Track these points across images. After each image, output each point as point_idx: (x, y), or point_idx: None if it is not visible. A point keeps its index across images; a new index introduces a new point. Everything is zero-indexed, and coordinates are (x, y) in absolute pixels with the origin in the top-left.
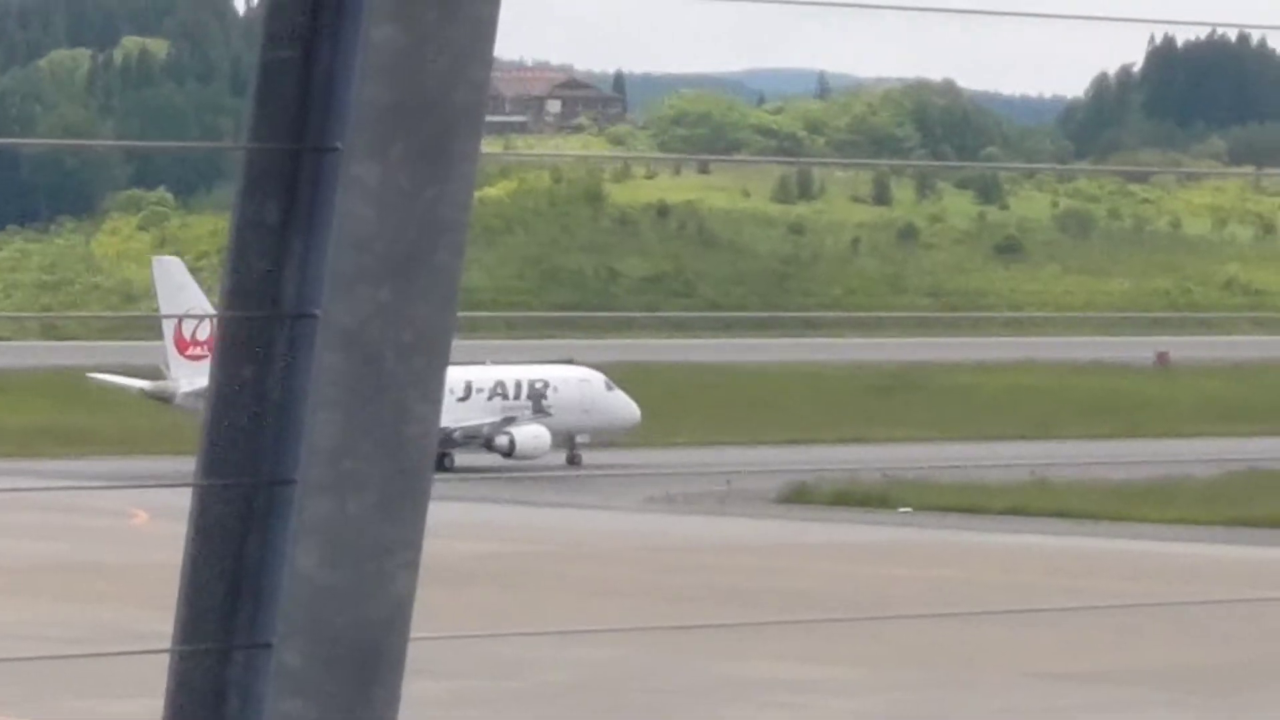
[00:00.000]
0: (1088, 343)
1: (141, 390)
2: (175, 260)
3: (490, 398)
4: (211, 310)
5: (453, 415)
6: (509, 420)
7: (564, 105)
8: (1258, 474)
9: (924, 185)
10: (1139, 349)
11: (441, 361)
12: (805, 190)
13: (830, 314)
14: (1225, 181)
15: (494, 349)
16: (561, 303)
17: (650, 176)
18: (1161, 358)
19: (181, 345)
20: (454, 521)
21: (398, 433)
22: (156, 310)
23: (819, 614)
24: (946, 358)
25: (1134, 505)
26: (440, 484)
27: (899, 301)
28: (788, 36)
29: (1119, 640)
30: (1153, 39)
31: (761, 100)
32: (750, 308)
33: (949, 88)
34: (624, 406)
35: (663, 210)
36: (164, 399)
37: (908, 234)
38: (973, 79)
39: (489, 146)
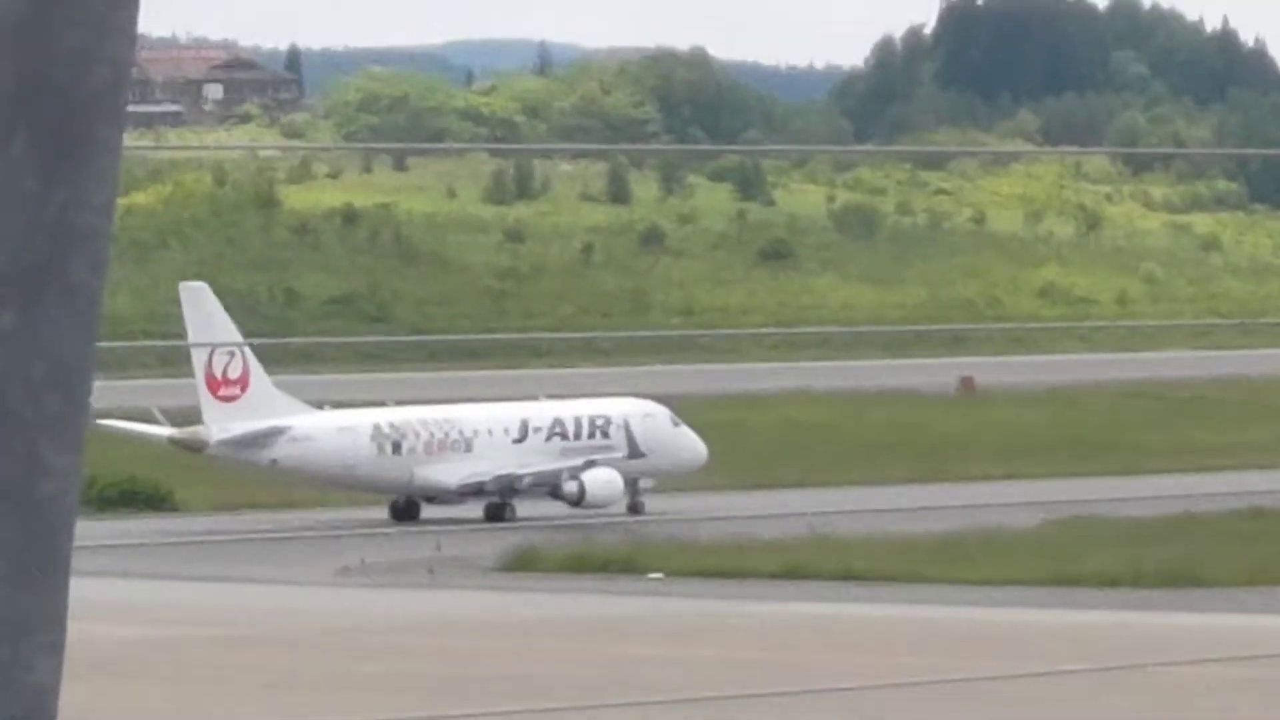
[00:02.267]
0: (875, 367)
1: (170, 439)
2: (204, 286)
3: (549, 438)
4: (244, 348)
5: (510, 459)
6: (590, 464)
7: (226, 90)
8: (1082, 522)
9: (670, 178)
10: (938, 373)
11: (81, 401)
12: (524, 188)
13: (558, 336)
14: (1039, 165)
15: (146, 388)
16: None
17: (334, 176)
18: (965, 383)
19: (213, 385)
20: (89, 599)
21: (29, 490)
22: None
23: (547, 704)
24: (702, 389)
25: (932, 564)
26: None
27: (642, 321)
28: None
29: None
30: None
31: (469, 79)
32: (460, 332)
33: (699, 58)
34: (691, 445)
35: (350, 216)
36: (194, 448)
37: (651, 238)
38: (728, 47)
39: (135, 141)
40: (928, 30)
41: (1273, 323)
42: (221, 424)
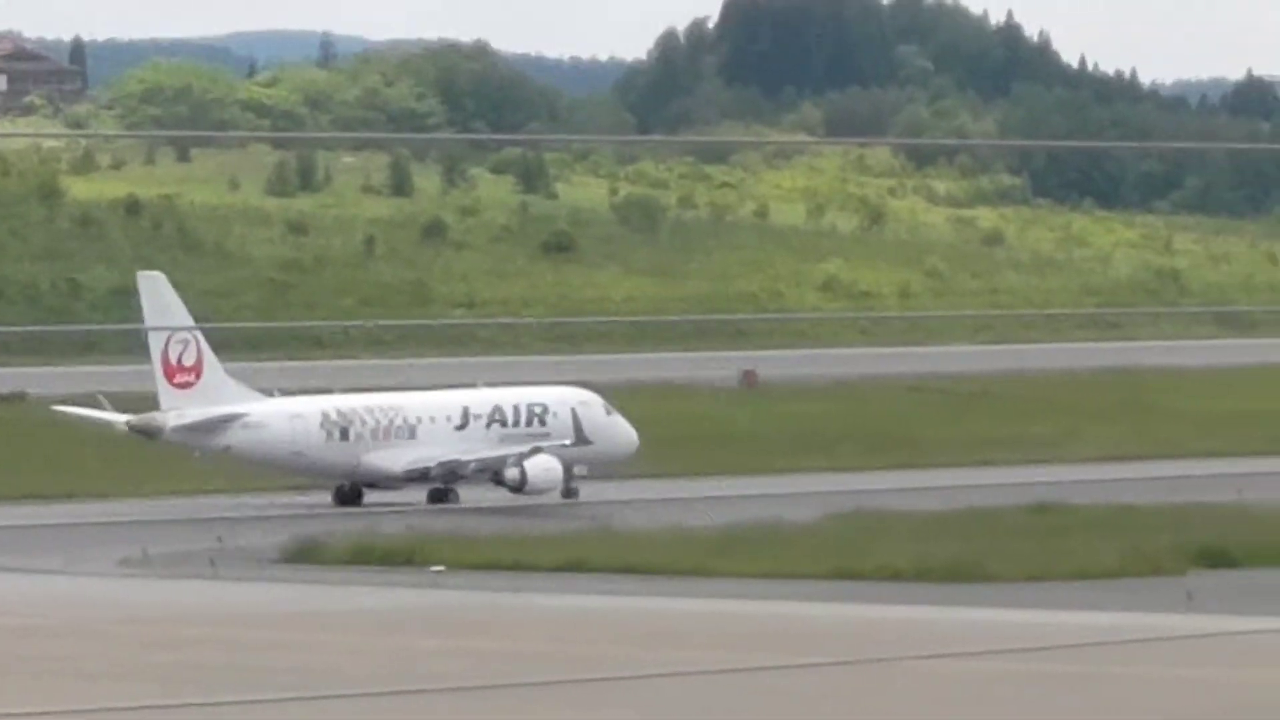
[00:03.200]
0: (658, 359)
1: (127, 424)
2: (160, 275)
3: (489, 425)
4: (197, 335)
5: (452, 445)
6: (535, 450)
7: (10, 81)
8: (866, 516)
9: (452, 171)
10: (720, 366)
11: None
12: (307, 180)
13: (340, 324)
14: (822, 159)
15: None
16: (12, 320)
17: (117, 167)
18: (748, 376)
19: (169, 371)
20: None
21: None
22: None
23: (330, 691)
24: (485, 379)
25: (715, 557)
26: None
27: (425, 313)
28: None
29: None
30: None
31: (252, 70)
32: (244, 322)
33: (481, 51)
34: (624, 432)
35: (133, 207)
36: (150, 434)
37: (434, 231)
38: (511, 40)
39: None
40: (711, 23)
41: (1055, 315)
42: (177, 410)
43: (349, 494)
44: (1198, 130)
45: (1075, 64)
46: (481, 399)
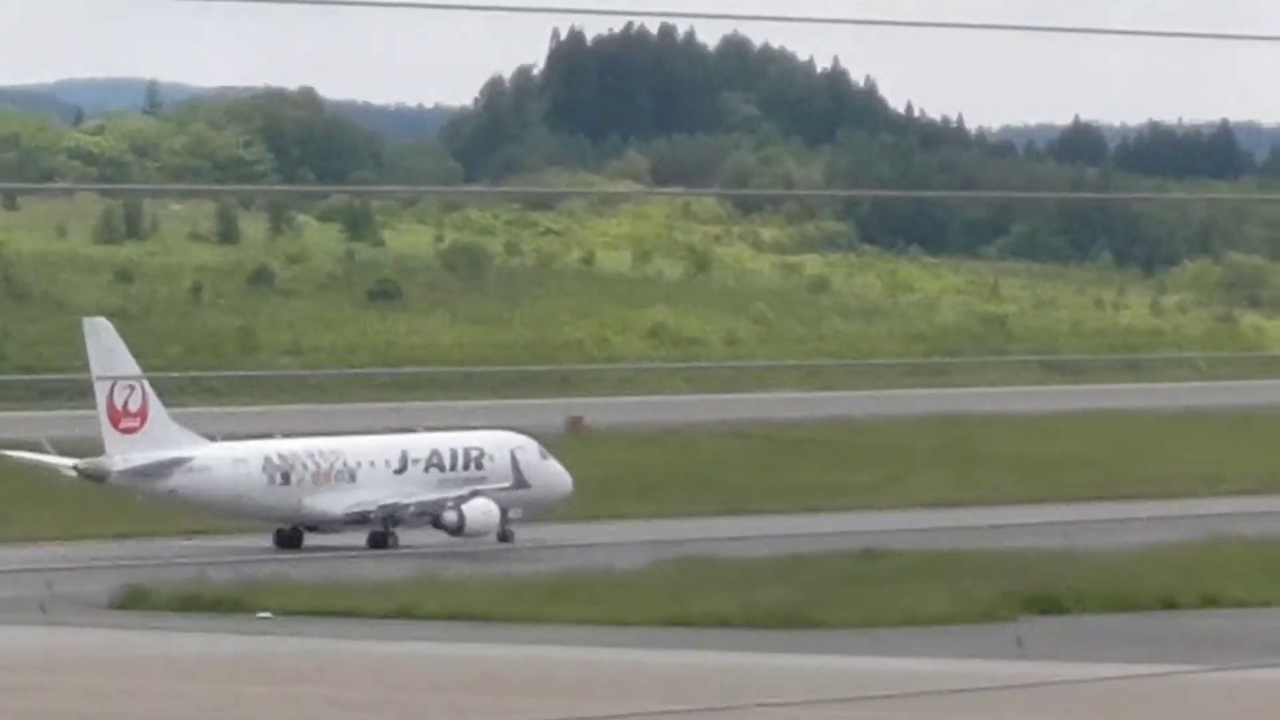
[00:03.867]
0: (482, 407)
1: (75, 468)
2: (104, 321)
3: (426, 469)
4: (143, 381)
5: (391, 489)
6: (475, 494)
7: None
8: (693, 562)
9: (279, 218)
10: (548, 412)
11: None
12: (134, 227)
13: (166, 374)
14: (648, 206)
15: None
16: None
17: None
18: (574, 423)
19: (114, 416)
20: None
21: None
22: (88, 375)
23: None
24: (310, 428)
25: (542, 604)
26: None
27: (251, 360)
28: (107, 38)
29: None
30: (556, 34)
31: (79, 118)
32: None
33: (308, 98)
34: (558, 476)
35: None
36: (97, 478)
37: (261, 278)
38: (337, 87)
39: None
40: (537, 70)
41: (881, 362)
42: (123, 454)
43: (289, 537)
44: (1024, 176)
45: (902, 110)
46: (419, 443)
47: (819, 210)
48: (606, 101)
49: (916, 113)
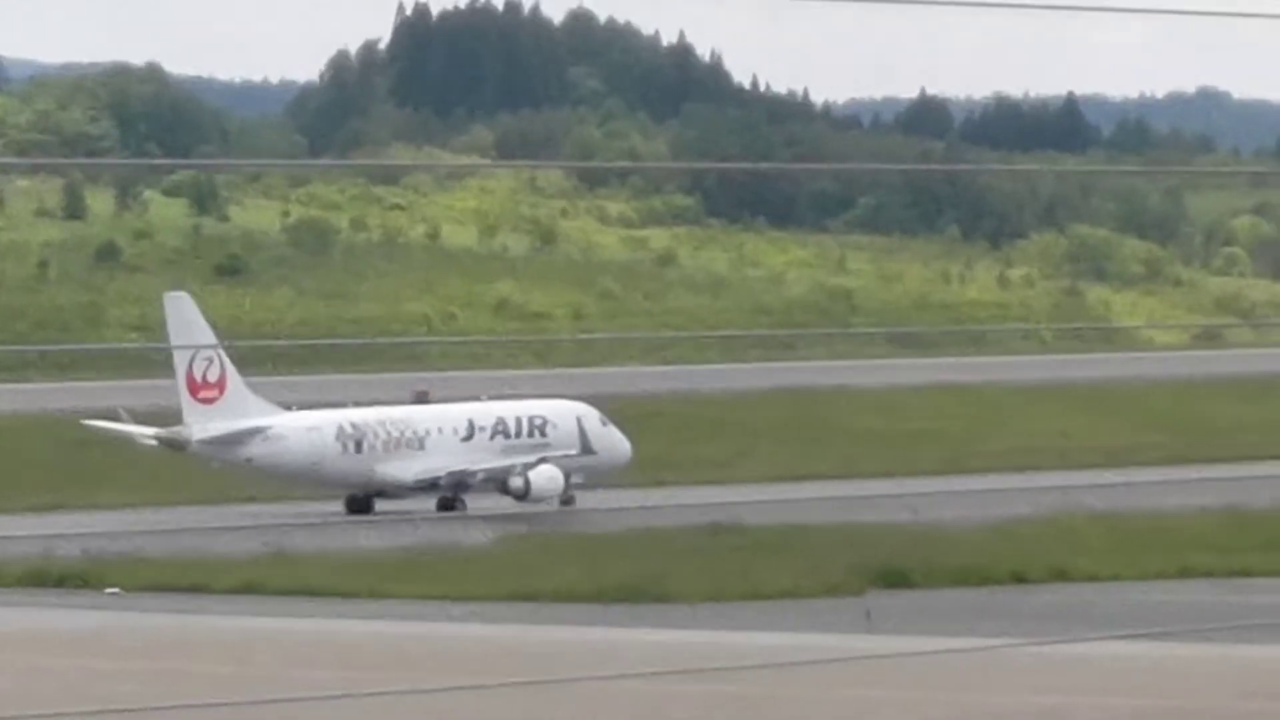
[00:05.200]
0: (328, 381)
1: (156, 437)
2: (185, 295)
3: (492, 436)
4: (220, 351)
5: (459, 456)
6: (542, 460)
7: None
8: (541, 537)
9: (126, 194)
10: (394, 387)
11: None
12: None
13: (12, 349)
14: (494, 180)
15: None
16: None
17: None
18: (420, 397)
19: (193, 387)
20: None
21: None
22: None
23: (6, 714)
24: (162, 403)
25: (391, 579)
26: None
27: (99, 335)
28: None
29: None
30: (402, 8)
31: None
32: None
33: (154, 74)
34: (619, 443)
35: None
36: (177, 446)
37: (107, 253)
38: (183, 62)
39: None
40: (382, 45)
41: (728, 335)
42: (202, 424)
43: (360, 503)
44: (871, 150)
45: (747, 84)
46: (485, 411)
47: (665, 184)
48: (452, 76)
49: (762, 86)
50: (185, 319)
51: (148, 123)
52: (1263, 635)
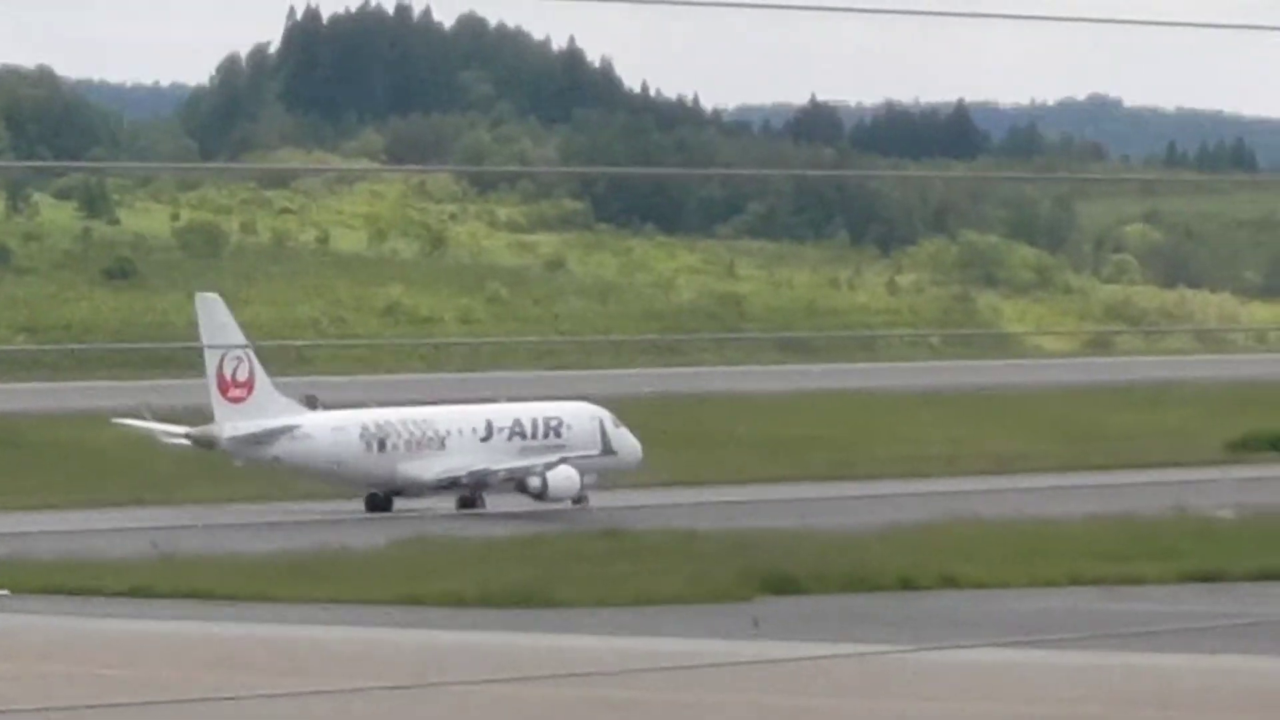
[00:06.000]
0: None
1: (187, 435)
2: (216, 297)
3: (510, 437)
4: (249, 352)
5: (478, 456)
6: (563, 460)
7: None
8: (430, 541)
9: (16, 196)
10: (282, 390)
11: None
12: None
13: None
14: (384, 184)
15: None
16: None
17: None
18: (308, 402)
19: (223, 386)
20: None
21: None
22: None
23: None
24: (53, 406)
25: (280, 583)
26: None
27: None
28: None
29: None
30: (292, 12)
31: None
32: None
33: (44, 76)
34: (632, 444)
35: None
36: (208, 445)
37: None
38: (74, 65)
39: None
40: (273, 49)
41: (617, 340)
42: (231, 422)
43: (380, 501)
44: (760, 155)
45: (638, 89)
46: (503, 413)
47: (555, 189)
48: (342, 80)
49: (653, 92)
50: (217, 321)
51: (38, 125)
52: (1151, 643)
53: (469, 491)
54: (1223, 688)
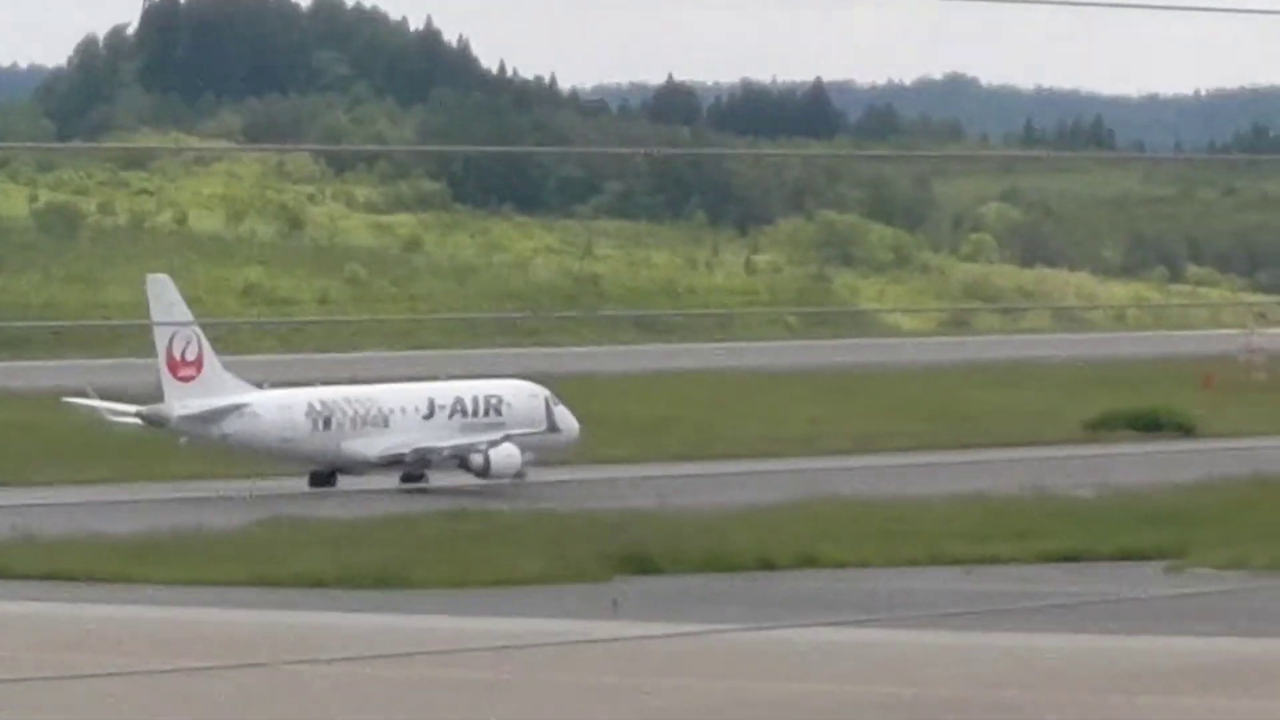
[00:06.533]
0: (74, 366)
1: (139, 414)
2: (166, 278)
3: (451, 415)
4: (197, 331)
5: (421, 434)
6: (507, 438)
7: None
8: (288, 522)
9: None
10: (143, 372)
11: None
12: None
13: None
14: (242, 165)
15: None
16: None
17: None
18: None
19: (173, 366)
20: None
21: None
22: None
23: None
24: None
25: (139, 564)
26: None
27: None
28: None
29: None
30: None
31: None
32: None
33: None
34: (571, 422)
35: None
36: (159, 423)
37: None
38: None
39: None
40: (131, 30)
41: (475, 319)
42: (181, 401)
43: (323, 478)
44: (618, 135)
45: (495, 69)
46: (444, 390)
47: (412, 169)
48: (200, 61)
49: (509, 71)
50: (166, 300)
51: None
52: (1011, 622)
53: (413, 468)
54: (1083, 667)
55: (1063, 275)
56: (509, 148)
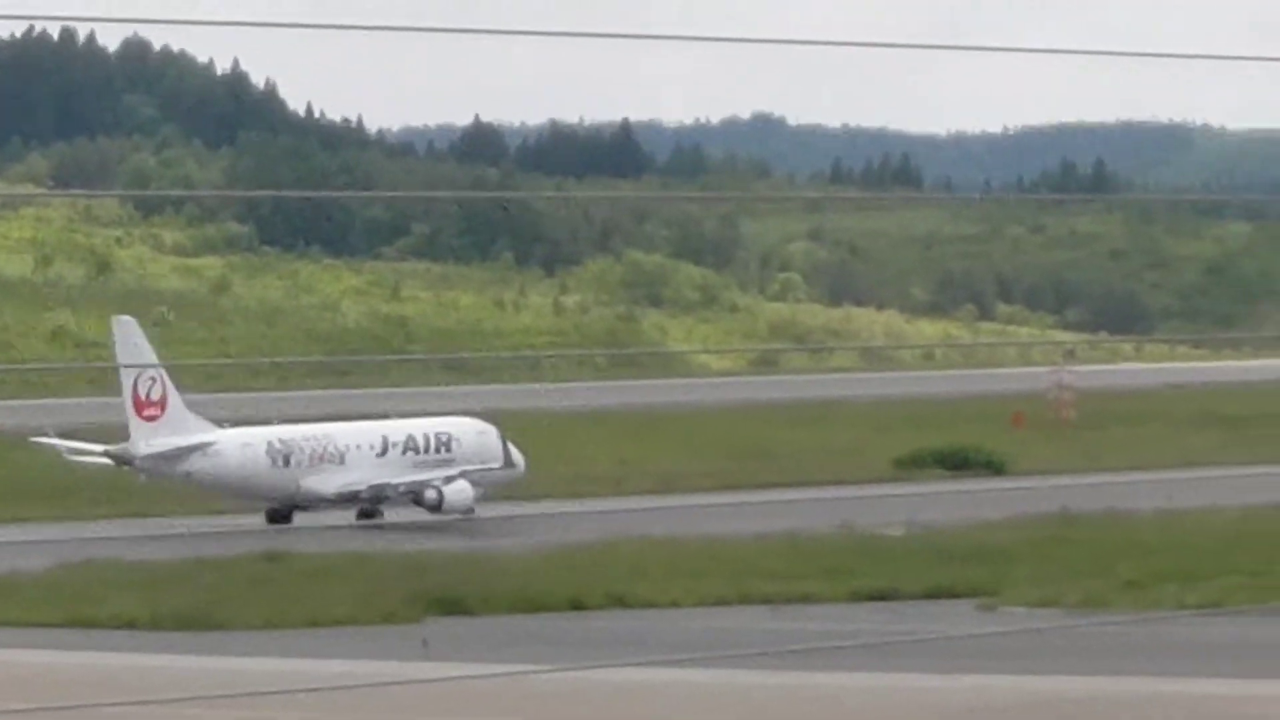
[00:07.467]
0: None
1: (106, 453)
2: (132, 320)
3: (404, 451)
4: (161, 372)
5: (375, 470)
6: (463, 474)
7: None
8: (99, 565)
9: None
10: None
11: None
12: None
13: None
14: (49, 209)
15: None
16: None
17: None
18: None
19: (138, 405)
20: None
21: None
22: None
23: None
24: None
25: None
26: None
27: None
28: None
29: None
30: None
31: None
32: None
33: None
34: (518, 458)
35: None
36: (125, 461)
37: None
38: None
39: None
40: None
41: (283, 362)
42: (146, 440)
43: (280, 514)
44: (425, 177)
45: (302, 111)
46: (396, 428)
47: (220, 212)
48: (6, 104)
49: (317, 114)
50: (131, 341)
51: None
52: (820, 661)
53: (368, 505)
54: (891, 705)
55: (870, 314)
56: (316, 192)
